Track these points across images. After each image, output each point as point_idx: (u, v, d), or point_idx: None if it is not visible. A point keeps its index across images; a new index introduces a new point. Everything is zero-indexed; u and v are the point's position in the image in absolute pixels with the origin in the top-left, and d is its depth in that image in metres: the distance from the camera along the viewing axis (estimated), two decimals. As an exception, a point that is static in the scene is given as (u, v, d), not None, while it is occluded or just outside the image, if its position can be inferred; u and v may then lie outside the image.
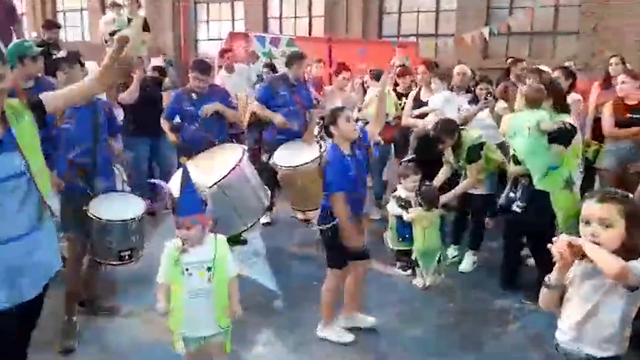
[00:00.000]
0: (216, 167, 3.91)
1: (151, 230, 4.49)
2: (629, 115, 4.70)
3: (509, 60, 8.34)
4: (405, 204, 4.32)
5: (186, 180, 2.52)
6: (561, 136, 3.77)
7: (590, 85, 5.82)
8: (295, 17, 13.70)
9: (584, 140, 4.67)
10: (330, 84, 7.28)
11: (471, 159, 4.35)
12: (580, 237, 1.92)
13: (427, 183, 4.34)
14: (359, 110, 5.77)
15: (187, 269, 2.49)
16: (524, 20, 9.76)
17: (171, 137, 4.95)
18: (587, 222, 1.90)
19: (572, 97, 4.69)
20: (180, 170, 4.25)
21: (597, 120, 5.11)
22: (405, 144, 5.62)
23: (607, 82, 5.53)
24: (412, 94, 5.65)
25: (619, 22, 9.62)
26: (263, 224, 5.31)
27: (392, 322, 3.68)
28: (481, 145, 4.38)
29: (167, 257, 2.53)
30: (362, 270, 3.47)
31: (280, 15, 13.85)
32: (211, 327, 2.56)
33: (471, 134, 4.43)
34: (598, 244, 1.85)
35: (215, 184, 3.59)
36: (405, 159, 5.47)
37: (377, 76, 6.02)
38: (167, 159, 5.81)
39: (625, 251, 1.84)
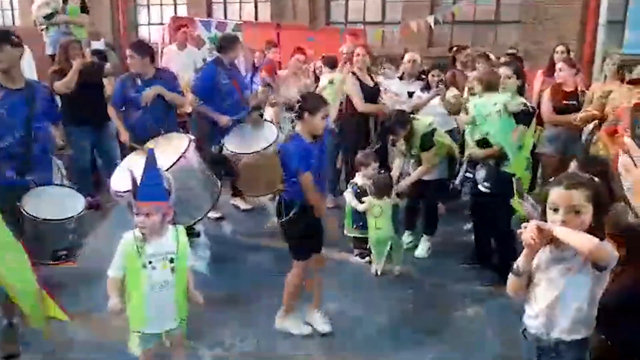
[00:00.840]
0: (160, 157, 3.72)
1: (96, 225, 4.24)
2: (565, 101, 4.88)
3: (454, 48, 8.53)
4: (360, 192, 4.29)
5: (150, 164, 2.37)
6: (524, 116, 3.89)
7: (531, 73, 5.99)
8: (240, 2, 13.40)
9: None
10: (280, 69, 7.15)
11: (425, 147, 4.37)
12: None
13: (382, 172, 4.31)
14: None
15: (150, 262, 2.35)
16: (467, 9, 9.96)
17: (119, 125, 4.64)
18: (556, 210, 1.89)
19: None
20: (128, 158, 4.11)
21: (538, 107, 5.27)
22: (358, 132, 5.55)
23: (551, 70, 5.70)
24: (353, 79, 5.38)
25: (560, 11, 9.99)
26: (215, 219, 5.16)
27: (352, 311, 3.65)
28: (433, 132, 4.41)
29: (125, 249, 2.37)
30: (320, 262, 3.39)
31: (225, 0, 13.49)
32: (174, 319, 2.45)
33: (423, 122, 4.45)
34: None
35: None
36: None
37: (329, 63, 5.94)
38: (110, 149, 5.49)
39: (595, 232, 1.86)
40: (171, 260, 2.39)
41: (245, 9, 13.31)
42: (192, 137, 4.10)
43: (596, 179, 1.94)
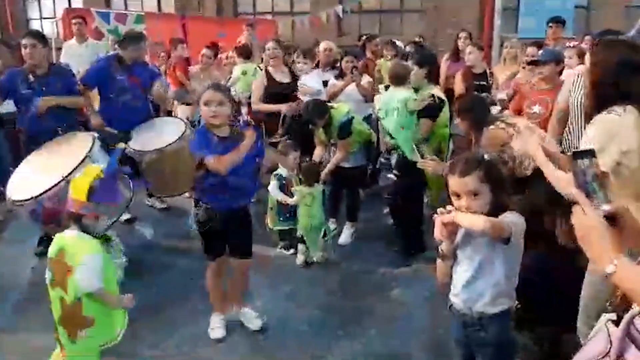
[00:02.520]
0: (63, 159, 3.42)
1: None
2: (476, 82, 5.17)
3: (363, 37, 8.68)
4: (285, 183, 4.21)
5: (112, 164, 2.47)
6: (430, 110, 3.99)
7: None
8: (142, -7, 12.76)
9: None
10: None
11: (343, 136, 4.38)
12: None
13: (306, 160, 4.26)
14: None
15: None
16: (374, -2, 10.16)
17: None
18: (458, 196, 1.98)
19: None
20: (25, 162, 3.73)
21: (447, 91, 5.47)
22: (275, 123, 5.45)
23: (456, 56, 5.96)
24: (262, 75, 5.24)
25: (459, 0, 10.46)
26: (124, 221, 4.83)
27: (281, 305, 3.58)
28: (350, 120, 4.42)
29: (100, 255, 2.28)
30: (241, 264, 3.24)
31: (125, -10, 12.80)
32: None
33: (340, 110, 4.44)
34: (473, 212, 1.93)
35: (64, 179, 3.12)
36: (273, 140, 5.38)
37: (243, 53, 5.78)
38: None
39: (496, 209, 1.95)
40: None
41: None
42: (96, 135, 3.78)
43: (486, 156, 2.03)
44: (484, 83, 5.15)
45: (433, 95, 4.07)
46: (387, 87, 4.61)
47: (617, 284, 1.12)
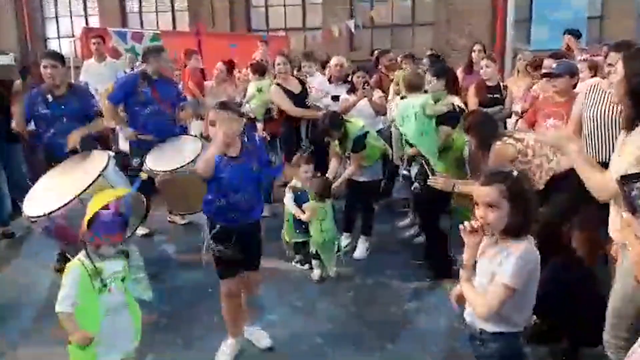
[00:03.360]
0: (77, 177, 3.47)
1: (9, 255, 3.89)
2: (489, 95, 5.14)
3: (375, 51, 8.73)
4: (300, 194, 4.22)
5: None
6: (450, 118, 3.95)
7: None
8: (157, 11, 12.99)
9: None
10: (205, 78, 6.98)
11: (356, 149, 4.40)
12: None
13: (318, 174, 4.28)
14: (240, 105, 5.56)
15: (105, 285, 2.30)
16: (385, 13, 10.23)
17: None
18: (477, 204, 1.97)
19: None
20: (43, 180, 3.80)
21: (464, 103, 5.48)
22: (291, 137, 5.49)
23: (470, 68, 5.96)
24: (276, 88, 5.31)
25: (470, 12, 10.47)
26: (141, 236, 4.89)
27: (295, 319, 3.58)
28: (365, 135, 4.44)
29: (78, 279, 2.26)
30: (252, 280, 3.22)
31: (140, 9, 13.03)
32: (132, 341, 2.44)
33: (355, 125, 4.47)
34: (488, 224, 1.94)
35: (76, 197, 3.17)
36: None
37: (258, 70, 5.82)
38: (18, 171, 5.08)
39: (515, 229, 1.92)
40: (122, 280, 2.39)
41: (163, 18, 12.92)
42: (112, 154, 3.84)
43: (515, 173, 1.98)
44: (498, 96, 5.12)
45: (453, 105, 4.05)
46: (403, 99, 4.61)
47: None
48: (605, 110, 3.25)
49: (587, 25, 9.78)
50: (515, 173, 1.98)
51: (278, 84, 5.27)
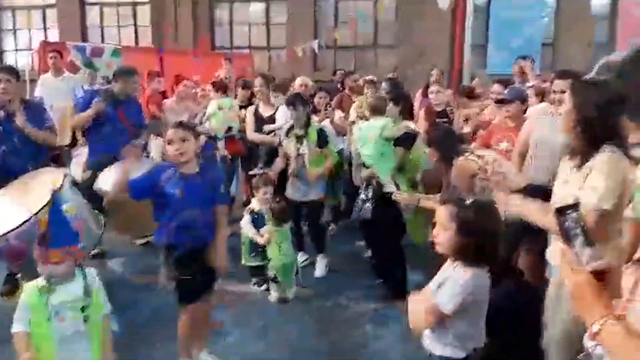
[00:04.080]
0: (32, 196, 3.37)
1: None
2: (438, 119, 5.35)
3: (339, 72, 8.86)
4: (258, 217, 4.19)
5: (56, 206, 2.23)
6: (405, 140, 4.10)
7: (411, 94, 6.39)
8: (119, 26, 12.83)
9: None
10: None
11: (321, 144, 4.52)
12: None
13: (277, 199, 4.24)
14: (201, 123, 5.52)
15: (57, 312, 2.14)
16: (348, 33, 10.41)
17: None
18: (435, 223, 2.04)
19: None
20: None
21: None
22: (252, 157, 5.51)
23: (427, 91, 6.13)
24: (251, 108, 5.52)
25: (430, 36, 10.77)
26: (92, 256, 4.73)
27: (253, 343, 3.54)
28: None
29: (28, 301, 2.15)
30: (205, 306, 3.15)
31: (102, 23, 12.84)
32: None
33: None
34: (437, 243, 2.01)
35: (34, 215, 3.07)
36: (252, 172, 5.42)
37: (220, 88, 5.81)
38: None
39: (453, 253, 1.99)
40: (82, 309, 2.21)
41: (124, 33, 12.76)
42: (67, 172, 3.75)
43: (470, 200, 2.02)
44: (446, 120, 5.32)
45: (407, 128, 4.21)
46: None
47: (599, 340, 1.12)
48: (550, 135, 3.39)
49: (540, 51, 10.22)
50: (471, 201, 2.01)
51: (254, 104, 5.38)
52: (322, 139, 4.52)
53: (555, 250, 2.30)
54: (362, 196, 4.27)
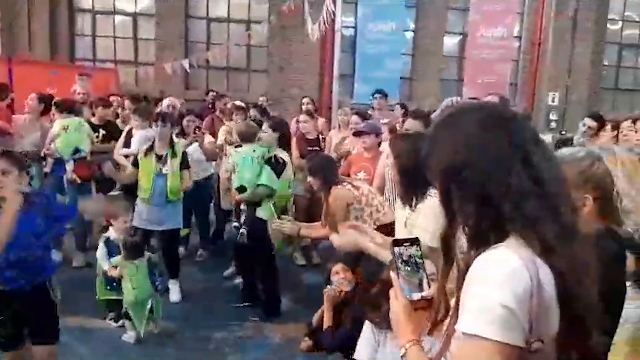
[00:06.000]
0: None
1: None
2: (309, 147, 5.48)
3: (211, 93, 8.77)
4: (115, 245, 3.93)
5: None
6: (275, 169, 4.24)
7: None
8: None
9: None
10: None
11: (186, 165, 4.52)
12: None
13: (132, 233, 4.01)
14: (51, 143, 5.11)
15: None
16: (220, 55, 10.36)
17: None
18: None
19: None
20: None
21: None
22: (108, 180, 5.14)
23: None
24: (127, 128, 5.32)
25: (301, 64, 11.13)
26: None
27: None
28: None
29: None
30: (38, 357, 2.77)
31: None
32: None
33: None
34: None
35: None
36: (112, 193, 5.14)
37: (65, 107, 5.33)
38: None
39: None
40: None
41: (-34, 37, 11.37)
42: None
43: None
44: (317, 148, 5.48)
45: (276, 157, 4.33)
46: (237, 147, 4.68)
47: None
48: None
49: (399, 84, 11.08)
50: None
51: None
52: (185, 160, 4.50)
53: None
54: (235, 223, 4.30)
